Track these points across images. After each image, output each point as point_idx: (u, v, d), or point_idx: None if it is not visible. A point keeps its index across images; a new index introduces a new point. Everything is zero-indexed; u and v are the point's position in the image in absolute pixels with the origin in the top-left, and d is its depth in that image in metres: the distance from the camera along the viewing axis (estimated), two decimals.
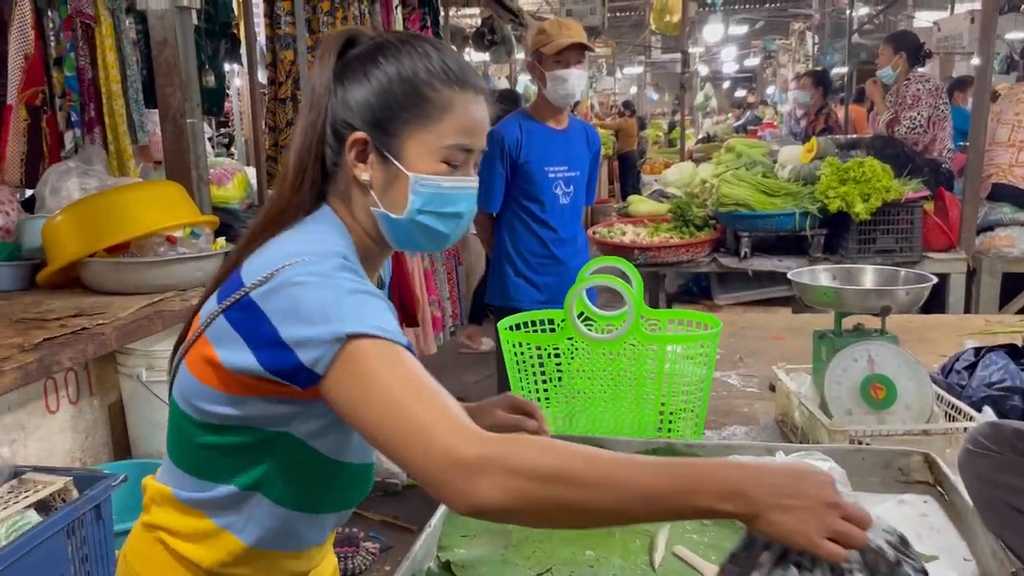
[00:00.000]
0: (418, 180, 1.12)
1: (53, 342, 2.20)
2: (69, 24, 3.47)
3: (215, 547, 1.19)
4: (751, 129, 11.26)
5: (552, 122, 3.32)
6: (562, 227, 3.39)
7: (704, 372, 1.68)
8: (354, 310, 1.01)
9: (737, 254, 4.12)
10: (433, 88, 1.12)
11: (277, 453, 1.13)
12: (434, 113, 1.12)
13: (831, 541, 0.85)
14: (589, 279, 1.64)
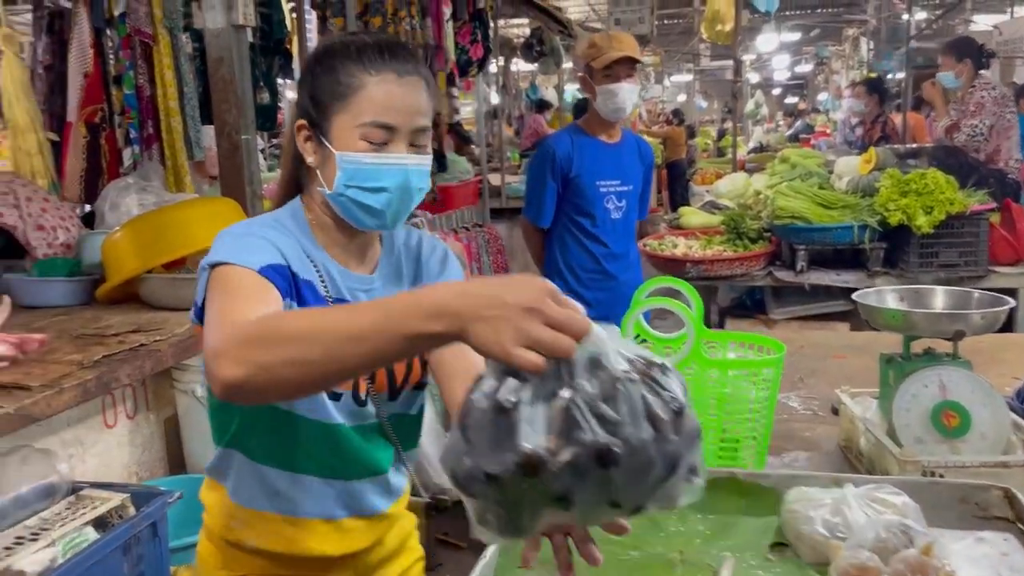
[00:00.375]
0: (342, 157, 1.24)
1: (112, 359, 2.23)
2: (128, 43, 3.54)
3: (219, 510, 1.37)
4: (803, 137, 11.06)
5: (604, 136, 3.28)
6: (614, 242, 3.35)
7: (767, 396, 1.63)
8: (229, 246, 1.20)
9: (793, 268, 4.03)
10: (349, 74, 1.24)
11: (240, 407, 1.27)
12: (349, 95, 1.24)
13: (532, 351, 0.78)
14: (646, 302, 1.60)
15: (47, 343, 2.28)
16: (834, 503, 1.34)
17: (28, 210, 3.07)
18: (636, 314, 1.58)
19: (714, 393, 1.59)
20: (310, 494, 1.34)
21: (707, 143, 15.09)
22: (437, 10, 3.89)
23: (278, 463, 1.32)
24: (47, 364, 2.15)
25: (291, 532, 1.34)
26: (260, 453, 1.32)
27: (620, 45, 3.16)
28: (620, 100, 3.15)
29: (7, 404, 1.86)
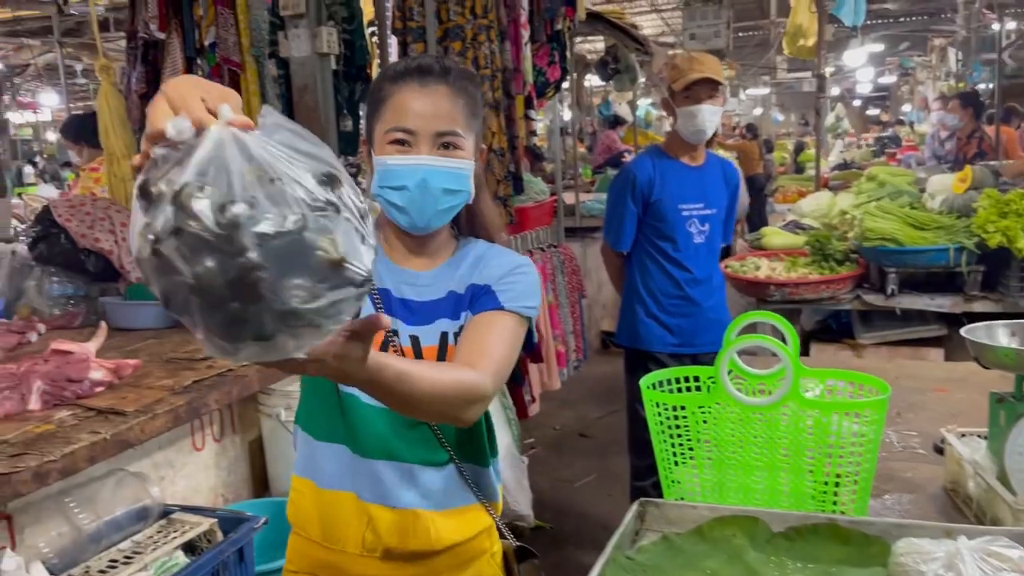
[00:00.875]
0: (376, 160, 1.38)
1: (201, 384, 2.27)
2: (217, 71, 3.65)
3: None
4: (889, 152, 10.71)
5: (686, 158, 3.23)
6: (696, 267, 3.28)
7: (871, 437, 1.55)
8: None
9: (883, 291, 3.88)
10: (380, 88, 1.40)
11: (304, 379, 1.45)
12: (379, 106, 1.39)
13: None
14: (739, 341, 1.55)
15: (140, 368, 2.36)
16: (947, 557, 1.26)
17: (123, 235, 3.17)
18: (731, 352, 1.53)
19: (812, 436, 1.52)
20: (329, 460, 1.42)
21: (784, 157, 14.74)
22: (516, 33, 3.89)
23: (314, 430, 1.44)
24: (141, 389, 2.21)
25: (323, 504, 1.43)
26: (303, 418, 1.47)
27: (701, 67, 3.12)
28: (700, 122, 3.10)
29: (104, 430, 1.91)
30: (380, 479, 1.40)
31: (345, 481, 1.41)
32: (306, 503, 1.46)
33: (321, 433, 1.43)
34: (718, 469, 1.61)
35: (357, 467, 1.40)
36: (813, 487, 1.56)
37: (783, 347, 1.50)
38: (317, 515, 1.45)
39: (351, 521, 1.42)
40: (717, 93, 3.12)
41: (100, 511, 1.98)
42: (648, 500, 1.60)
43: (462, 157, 1.38)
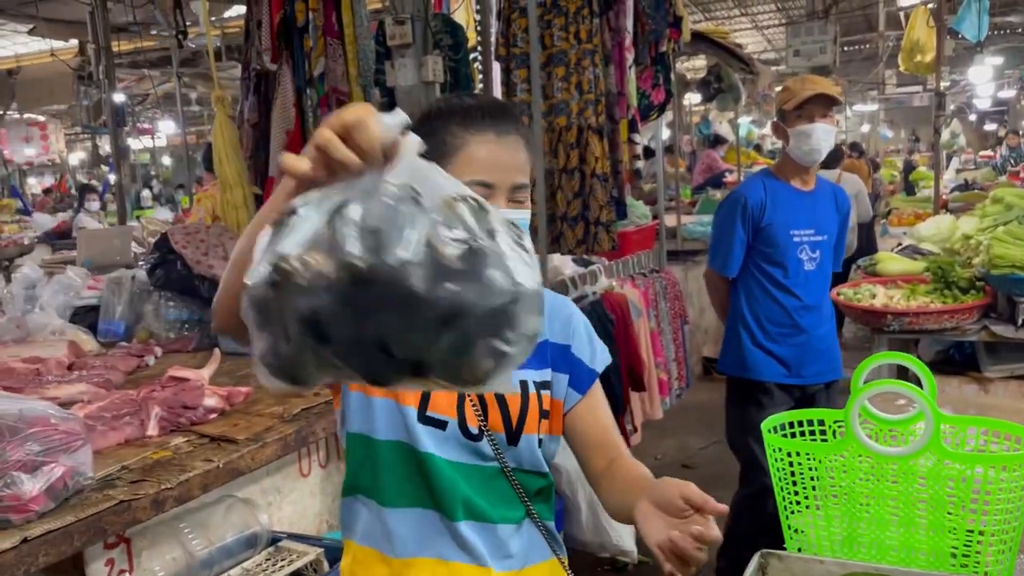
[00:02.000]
0: None
1: (309, 412, 2.30)
2: (325, 101, 3.73)
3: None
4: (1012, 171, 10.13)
5: (798, 182, 3.12)
6: (807, 294, 3.17)
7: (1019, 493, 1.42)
8: None
9: (1013, 322, 3.63)
10: (452, 134, 1.30)
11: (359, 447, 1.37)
12: (452, 154, 1.29)
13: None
14: (871, 386, 1.44)
15: (251, 395, 2.40)
16: None
17: None
18: (862, 399, 1.43)
19: (954, 490, 1.40)
20: (406, 526, 1.34)
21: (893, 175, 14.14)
22: (620, 57, 3.85)
23: (370, 494, 1.35)
24: (251, 416, 2.25)
25: (398, 572, 1.34)
26: (359, 485, 1.36)
27: (814, 84, 3.05)
28: (815, 141, 3.00)
29: (217, 457, 1.94)
30: (465, 540, 1.34)
31: (427, 546, 1.34)
32: (375, 572, 1.37)
33: (395, 499, 1.34)
34: (847, 521, 1.51)
35: (441, 530, 1.34)
36: (954, 544, 1.44)
37: (921, 393, 1.39)
38: None
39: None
40: (831, 112, 3.03)
41: (211, 537, 2.01)
42: (771, 552, 1.51)
43: (528, 206, 1.35)
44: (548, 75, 3.65)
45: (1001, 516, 1.42)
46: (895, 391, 1.43)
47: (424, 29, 3.20)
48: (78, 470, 1.69)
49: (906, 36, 7.16)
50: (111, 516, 1.68)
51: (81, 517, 1.63)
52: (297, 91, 3.79)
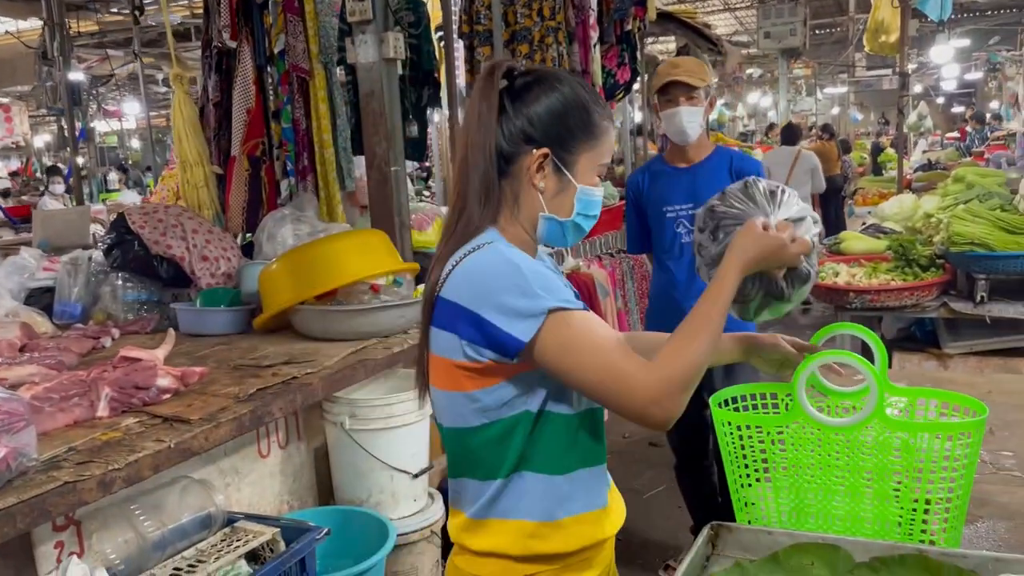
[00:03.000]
0: (582, 190, 1.44)
1: (266, 392, 2.27)
2: (286, 78, 3.68)
3: (510, 540, 1.43)
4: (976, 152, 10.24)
5: (679, 161, 3.19)
6: (681, 269, 3.18)
7: (965, 460, 1.43)
8: (547, 288, 1.31)
9: (972, 298, 3.67)
10: (598, 115, 1.42)
11: (522, 433, 1.42)
12: (598, 136, 1.43)
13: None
14: (818, 356, 1.45)
15: (206, 375, 2.37)
16: None
17: (194, 241, 3.22)
18: (810, 368, 1.43)
19: (900, 459, 1.41)
20: (593, 483, 1.45)
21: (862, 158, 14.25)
22: (584, 35, 3.82)
23: (562, 468, 1.41)
24: (207, 396, 2.22)
25: (592, 525, 1.44)
26: (547, 465, 1.40)
27: (676, 70, 3.09)
28: (678, 123, 3.06)
29: (168, 438, 1.92)
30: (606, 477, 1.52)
31: (601, 495, 1.48)
32: (600, 530, 1.46)
33: (596, 457, 1.47)
34: (795, 492, 1.52)
35: (601, 474, 1.49)
36: (900, 513, 1.46)
37: (867, 364, 1.40)
38: (587, 533, 1.45)
39: (606, 520, 1.48)
40: (695, 95, 3.05)
41: (165, 518, 1.98)
42: (721, 524, 1.52)
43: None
44: (512, 52, 3.62)
45: (946, 485, 1.43)
46: (841, 361, 1.43)
47: (384, 5, 3.16)
48: (21, 451, 1.65)
49: (871, 16, 7.19)
50: (55, 498, 1.64)
51: (24, 499, 1.60)
52: (257, 68, 3.73)
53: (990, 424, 2.19)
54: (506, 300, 1.29)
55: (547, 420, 1.38)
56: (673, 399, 1.26)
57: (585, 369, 1.29)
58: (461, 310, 1.32)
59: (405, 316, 2.85)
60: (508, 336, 1.29)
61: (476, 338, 1.31)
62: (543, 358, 1.30)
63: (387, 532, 2.46)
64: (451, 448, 1.46)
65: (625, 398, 1.27)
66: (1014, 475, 1.88)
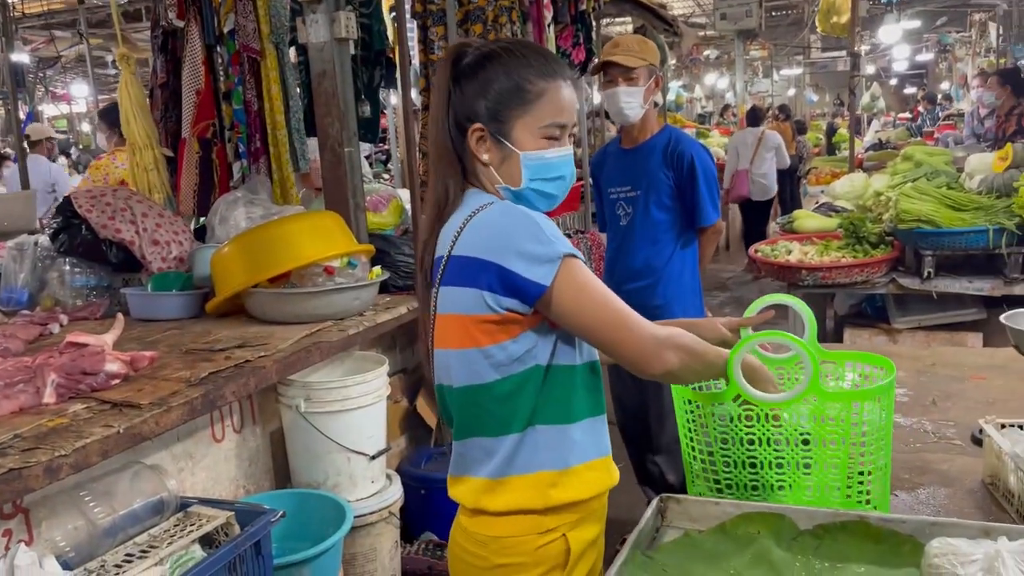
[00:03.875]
0: (526, 156, 1.45)
1: (218, 376, 2.25)
2: (237, 59, 3.62)
3: (528, 495, 1.48)
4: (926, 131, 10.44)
5: (626, 142, 3.17)
6: (617, 249, 3.20)
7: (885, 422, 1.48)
8: (556, 235, 1.38)
9: (919, 274, 3.77)
10: (530, 82, 1.43)
11: (535, 387, 1.48)
12: (532, 100, 1.44)
13: None
14: (753, 337, 1.48)
15: (157, 360, 2.34)
16: (986, 559, 1.19)
17: (144, 225, 3.16)
18: (745, 350, 1.46)
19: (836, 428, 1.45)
20: (596, 432, 1.52)
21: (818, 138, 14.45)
22: (538, 15, 3.81)
23: (570, 417, 1.47)
24: (157, 381, 2.19)
25: (602, 471, 1.51)
26: (556, 415, 1.45)
27: (613, 50, 3.05)
28: (615, 104, 3.03)
29: (117, 423, 1.89)
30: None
31: (604, 442, 1.55)
32: (607, 478, 1.54)
33: (598, 408, 1.53)
34: (740, 464, 1.55)
35: (601, 424, 1.55)
36: (839, 480, 1.49)
37: (799, 341, 1.43)
38: (597, 480, 1.52)
39: (609, 470, 1.56)
40: (634, 75, 2.98)
41: (116, 505, 1.96)
42: (669, 496, 1.55)
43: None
44: (466, 32, 3.60)
45: (878, 446, 1.47)
46: (777, 341, 1.46)
47: None
48: None
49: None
50: (0, 485, 1.62)
51: None
52: (207, 49, 3.66)
53: (933, 395, 2.25)
54: (525, 247, 1.35)
55: (555, 372, 1.44)
56: (672, 354, 1.39)
57: (597, 311, 1.38)
58: (480, 263, 1.38)
59: (360, 298, 2.84)
60: (529, 282, 1.36)
61: (497, 287, 1.37)
62: (560, 301, 1.37)
63: (344, 514, 2.46)
64: (462, 408, 1.49)
65: (630, 338, 1.39)
66: (954, 443, 1.93)
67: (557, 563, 1.46)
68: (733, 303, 7.21)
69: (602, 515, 1.55)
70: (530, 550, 1.44)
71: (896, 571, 1.31)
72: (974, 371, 2.44)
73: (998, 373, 2.40)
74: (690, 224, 3.09)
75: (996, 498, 1.67)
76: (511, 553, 1.45)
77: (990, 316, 3.75)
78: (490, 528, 1.46)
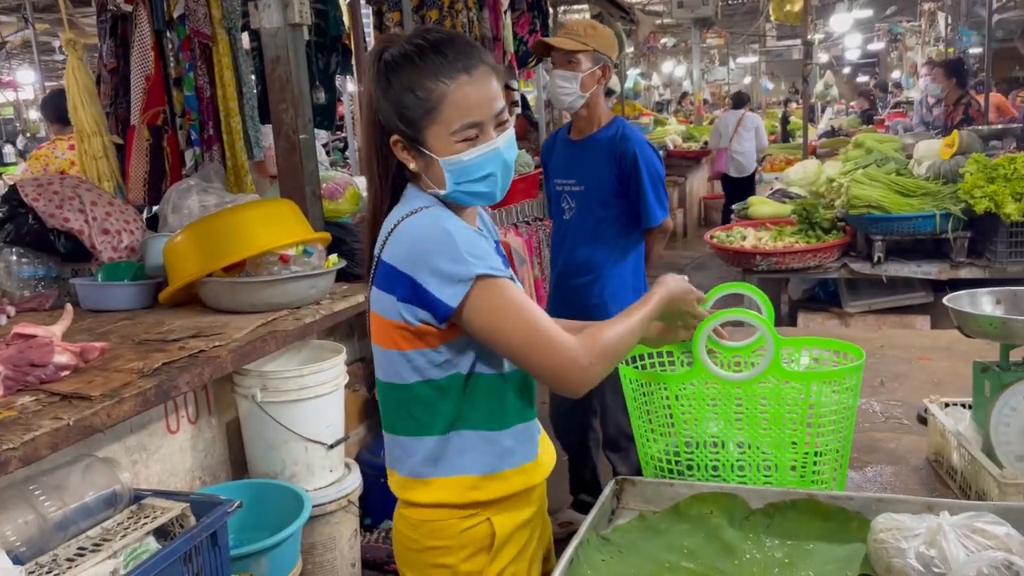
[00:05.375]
0: (446, 162, 1.39)
1: (172, 366, 2.22)
2: (187, 44, 3.55)
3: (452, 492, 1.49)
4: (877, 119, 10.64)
5: (573, 132, 3.09)
6: (561, 242, 3.13)
7: (849, 405, 1.51)
8: (475, 253, 1.34)
9: (870, 259, 3.84)
10: (426, 89, 1.36)
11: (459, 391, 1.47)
12: (435, 104, 1.36)
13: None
14: (716, 316, 1.50)
15: (108, 351, 2.30)
16: (928, 533, 1.23)
17: (93, 214, 3.09)
18: (708, 329, 1.48)
19: (794, 407, 1.48)
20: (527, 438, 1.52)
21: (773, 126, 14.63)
22: (494, 1, 3.80)
23: (500, 424, 1.46)
24: (109, 372, 2.15)
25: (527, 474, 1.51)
26: (484, 421, 1.45)
27: (560, 31, 2.98)
28: (552, 90, 2.96)
29: (67, 415, 1.86)
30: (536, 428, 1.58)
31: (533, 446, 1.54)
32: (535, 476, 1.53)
33: (529, 414, 1.53)
34: (696, 445, 1.57)
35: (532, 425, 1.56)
36: (795, 460, 1.52)
37: (761, 318, 1.45)
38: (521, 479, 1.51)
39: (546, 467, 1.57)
40: (574, 60, 2.87)
41: (67, 498, 1.92)
42: (625, 478, 1.57)
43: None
44: (421, 19, 3.57)
45: (837, 427, 1.50)
46: (740, 319, 1.49)
47: None
48: None
49: None
50: None
51: None
52: (156, 34, 3.59)
53: (881, 376, 2.30)
54: (438, 265, 1.33)
55: (480, 380, 1.43)
56: (593, 367, 1.36)
57: (510, 332, 1.34)
58: (398, 273, 1.36)
59: (316, 286, 2.82)
60: (438, 300, 1.34)
61: (411, 300, 1.36)
62: (471, 322, 1.35)
63: (303, 504, 2.45)
64: (385, 403, 1.51)
65: (546, 360, 1.35)
66: (902, 423, 1.98)
67: (482, 546, 1.47)
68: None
69: (535, 498, 1.55)
70: (455, 533, 1.47)
71: (844, 547, 1.35)
72: (921, 352, 2.50)
73: (943, 354, 2.46)
74: (635, 222, 2.99)
75: (940, 475, 1.72)
76: (438, 536, 1.47)
77: (937, 299, 3.84)
78: (418, 513, 1.49)
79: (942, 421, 1.71)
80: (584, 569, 1.33)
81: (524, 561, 1.52)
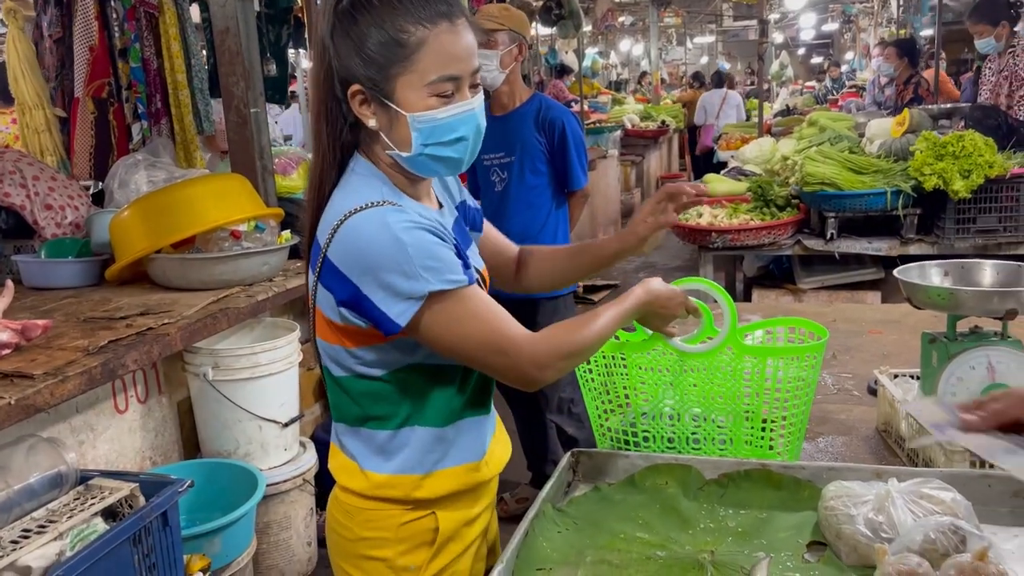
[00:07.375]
0: (415, 118, 1.23)
1: (118, 344, 2.16)
2: (133, 14, 3.45)
3: (399, 487, 1.38)
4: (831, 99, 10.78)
5: (495, 109, 3.20)
6: (493, 215, 3.14)
7: (806, 379, 1.52)
8: (429, 266, 1.20)
9: (823, 236, 3.89)
10: (405, 31, 1.19)
11: (411, 388, 1.37)
12: (410, 53, 1.20)
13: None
14: (681, 281, 1.50)
15: (51, 328, 2.23)
16: (877, 499, 1.24)
17: (36, 189, 3.00)
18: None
19: (750, 379, 1.49)
20: (479, 435, 1.42)
21: None
22: None
23: (454, 418, 1.37)
24: (52, 350, 2.09)
25: (471, 473, 1.40)
26: (436, 417, 1.35)
27: (477, 16, 3.08)
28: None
29: (9, 394, 1.80)
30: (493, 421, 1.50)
31: (485, 440, 1.45)
32: (478, 476, 1.42)
33: (483, 410, 1.43)
34: (653, 417, 1.57)
35: (487, 419, 1.46)
36: (749, 432, 1.54)
37: (719, 288, 1.46)
38: (471, 476, 1.42)
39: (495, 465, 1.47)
40: (493, 39, 3.02)
41: (11, 479, 1.87)
42: (581, 451, 1.57)
43: (481, 88, 1.32)
44: None
45: (792, 402, 1.52)
46: (701, 289, 1.49)
47: None
48: None
49: None
50: None
51: None
52: (100, 3, 3.47)
53: (833, 349, 2.33)
54: (387, 278, 1.19)
55: (431, 375, 1.33)
56: (553, 369, 1.27)
57: (465, 343, 1.25)
58: (342, 277, 1.22)
59: (269, 263, 2.77)
60: (384, 316, 1.21)
61: (356, 307, 1.24)
62: (422, 336, 1.25)
63: (257, 483, 2.41)
64: (334, 393, 1.39)
65: (504, 363, 1.25)
66: (853, 394, 2.02)
67: (423, 541, 1.37)
68: (647, 268, 7.33)
69: (484, 495, 1.45)
70: (394, 526, 1.36)
71: (796, 514, 1.36)
72: (871, 326, 2.54)
73: (893, 328, 2.50)
74: (561, 188, 3.22)
75: (888, 444, 1.74)
76: (375, 527, 1.36)
77: (888, 275, 3.91)
78: (356, 501, 1.38)
79: (891, 392, 1.74)
80: (540, 541, 1.33)
81: (468, 558, 1.43)
